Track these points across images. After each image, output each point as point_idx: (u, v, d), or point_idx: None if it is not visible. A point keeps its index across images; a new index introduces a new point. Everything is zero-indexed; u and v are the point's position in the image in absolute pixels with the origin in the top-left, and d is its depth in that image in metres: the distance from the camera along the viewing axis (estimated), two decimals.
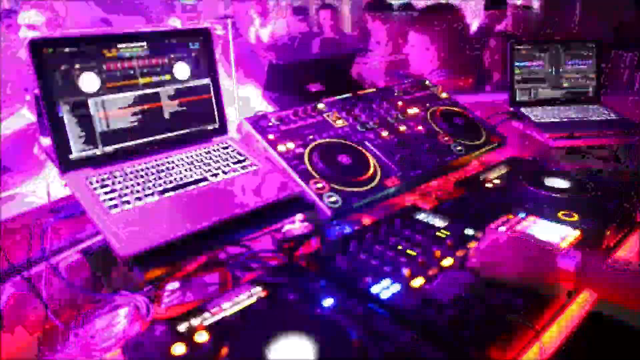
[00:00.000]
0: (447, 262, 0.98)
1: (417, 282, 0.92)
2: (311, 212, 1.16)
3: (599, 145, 1.78)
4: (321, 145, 1.30)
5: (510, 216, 1.19)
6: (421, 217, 1.18)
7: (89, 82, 1.07)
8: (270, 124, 1.33)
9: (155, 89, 1.17)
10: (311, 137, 1.33)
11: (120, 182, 1.05)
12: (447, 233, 1.09)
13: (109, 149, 1.11)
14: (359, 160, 1.30)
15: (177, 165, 1.14)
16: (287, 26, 4.19)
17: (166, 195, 1.04)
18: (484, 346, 0.78)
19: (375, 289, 0.90)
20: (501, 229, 1.12)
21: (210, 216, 1.00)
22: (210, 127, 1.27)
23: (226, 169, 1.15)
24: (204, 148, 1.22)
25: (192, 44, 1.22)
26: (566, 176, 1.40)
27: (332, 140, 1.34)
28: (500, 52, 2.80)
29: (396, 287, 0.90)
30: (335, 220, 1.20)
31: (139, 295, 1.01)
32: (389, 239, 1.07)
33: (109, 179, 1.06)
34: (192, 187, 1.08)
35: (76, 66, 1.06)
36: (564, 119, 1.92)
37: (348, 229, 1.22)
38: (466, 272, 0.95)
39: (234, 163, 1.18)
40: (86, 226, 1.03)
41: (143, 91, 1.15)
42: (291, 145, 1.28)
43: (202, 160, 1.17)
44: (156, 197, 1.03)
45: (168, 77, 1.19)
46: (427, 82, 1.78)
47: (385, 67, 3.23)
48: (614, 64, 2.82)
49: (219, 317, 0.82)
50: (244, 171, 1.16)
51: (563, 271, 0.88)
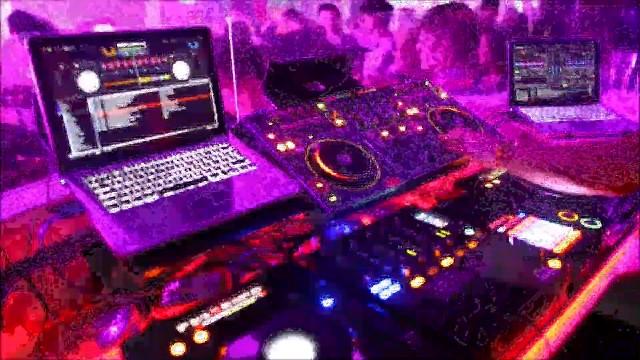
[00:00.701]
0: (447, 261, 0.98)
1: (417, 282, 0.92)
2: (311, 212, 1.16)
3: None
4: (321, 145, 1.30)
5: (510, 216, 1.19)
6: (421, 217, 1.18)
7: (88, 81, 1.07)
8: (270, 123, 1.32)
9: (155, 89, 1.17)
10: (311, 136, 1.33)
11: (119, 181, 1.05)
12: (447, 233, 1.09)
13: (108, 148, 1.11)
14: (358, 159, 1.30)
15: (177, 165, 1.14)
16: (288, 26, 4.19)
17: (165, 194, 1.04)
18: (484, 345, 0.78)
19: (375, 288, 0.90)
20: (500, 229, 1.12)
21: (210, 216, 1.00)
22: (209, 127, 1.27)
23: (226, 169, 1.15)
24: (204, 148, 1.22)
25: (191, 43, 1.22)
26: None
27: (332, 140, 1.34)
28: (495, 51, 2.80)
29: (396, 287, 0.90)
30: (334, 220, 1.20)
31: (138, 295, 1.01)
32: (389, 238, 1.07)
33: (108, 178, 1.05)
34: (191, 186, 1.08)
35: (75, 65, 1.05)
36: (563, 119, 1.92)
37: (348, 229, 1.22)
38: (466, 272, 0.95)
39: (233, 163, 1.18)
40: (85, 226, 1.02)
41: (142, 91, 1.15)
42: (291, 145, 1.27)
43: (201, 160, 1.17)
44: (155, 197, 1.03)
45: (167, 76, 1.19)
46: (427, 82, 1.78)
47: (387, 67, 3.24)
48: (613, 63, 2.83)
49: (218, 317, 0.82)
50: (243, 171, 1.16)
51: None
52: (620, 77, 2.89)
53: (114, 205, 0.98)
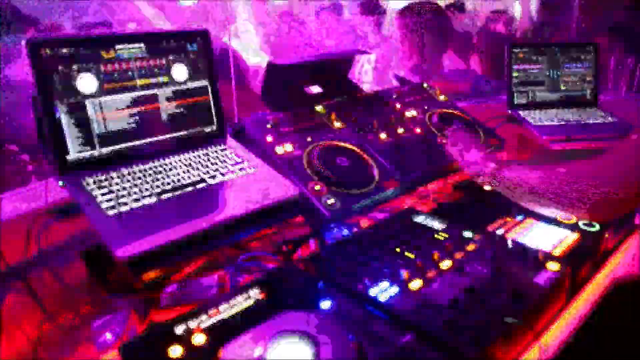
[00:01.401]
0: (445, 264, 0.98)
1: (416, 284, 0.92)
2: (309, 215, 1.16)
3: (597, 147, 1.78)
4: (319, 148, 1.30)
5: (509, 219, 1.19)
6: (419, 219, 1.18)
7: (86, 83, 1.07)
8: (269, 126, 1.32)
9: (153, 91, 1.17)
10: (309, 139, 1.33)
11: (117, 183, 1.05)
12: (446, 235, 1.09)
13: (107, 150, 1.11)
14: (357, 162, 1.30)
15: (175, 167, 1.14)
16: (288, 29, 4.19)
17: (164, 197, 1.04)
18: (483, 348, 0.78)
19: (373, 291, 0.90)
20: (499, 231, 1.12)
21: (208, 218, 1.00)
22: (208, 129, 1.27)
23: (224, 171, 1.15)
24: (202, 150, 1.22)
25: (190, 45, 1.22)
26: None
27: (331, 143, 1.34)
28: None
29: (394, 289, 0.90)
30: (333, 223, 1.20)
31: (136, 297, 1.00)
32: (388, 241, 1.07)
33: (106, 180, 1.05)
34: (189, 189, 1.08)
35: (74, 67, 1.05)
36: (561, 122, 1.92)
37: (346, 232, 1.22)
38: (465, 275, 0.95)
39: (232, 165, 1.18)
40: (84, 228, 1.02)
41: (141, 93, 1.15)
42: (289, 148, 1.27)
43: (200, 162, 1.17)
44: (154, 199, 1.03)
45: (166, 78, 1.19)
46: (425, 85, 1.78)
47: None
48: (612, 67, 2.83)
49: (216, 319, 0.82)
50: (242, 173, 1.16)
51: None
52: (618, 79, 2.89)
53: (112, 207, 0.98)
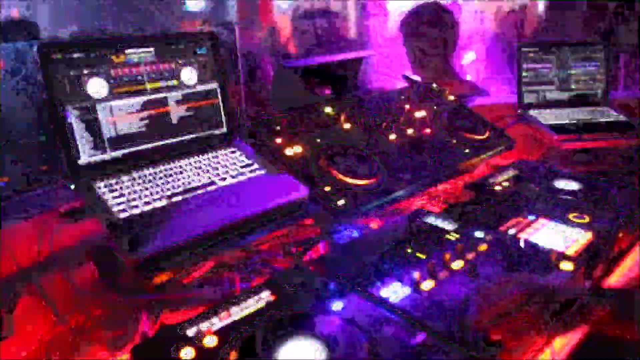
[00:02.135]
0: (456, 265, 0.97)
1: (427, 285, 0.91)
2: (319, 216, 1.15)
3: (609, 146, 1.76)
4: (329, 149, 1.30)
5: (520, 218, 1.18)
6: (430, 220, 1.17)
7: (97, 87, 1.08)
8: (278, 127, 1.32)
9: (163, 94, 1.18)
10: (319, 140, 1.33)
11: (128, 187, 1.05)
12: (457, 236, 1.08)
13: (117, 154, 1.11)
14: (366, 163, 1.30)
15: (185, 170, 1.14)
16: (294, 30, 4.20)
17: (174, 199, 1.04)
18: (495, 349, 0.77)
19: (384, 292, 0.89)
20: (511, 231, 1.11)
21: (218, 220, 1.00)
22: (217, 132, 1.27)
23: (234, 173, 1.15)
24: (212, 152, 1.22)
25: (199, 48, 1.22)
26: (577, 178, 1.39)
27: (340, 144, 1.34)
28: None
29: (406, 290, 0.90)
30: (343, 224, 1.19)
31: (147, 299, 1.01)
32: (398, 242, 1.06)
33: (117, 183, 1.06)
34: (200, 191, 1.08)
35: (84, 71, 1.06)
36: (572, 121, 1.91)
37: (356, 233, 1.21)
38: (476, 275, 0.94)
39: (241, 167, 1.18)
40: (95, 231, 1.03)
41: (151, 96, 1.16)
42: (299, 149, 1.27)
43: (210, 164, 1.17)
44: (164, 202, 1.03)
45: (175, 82, 1.19)
46: (434, 85, 1.77)
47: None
48: (623, 65, 2.80)
49: (227, 321, 0.82)
50: (252, 175, 1.16)
51: None
52: (630, 78, 2.86)
53: (123, 211, 0.99)
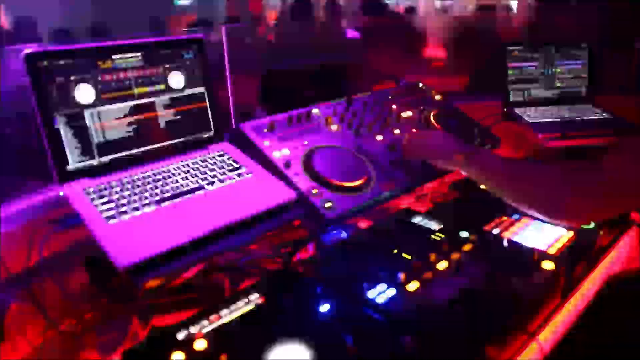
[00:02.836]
0: (442, 265, 0.99)
1: (413, 286, 0.93)
2: (308, 218, 1.17)
3: (593, 144, 1.79)
4: (316, 151, 1.31)
5: (505, 218, 1.20)
6: (416, 220, 1.19)
7: (84, 93, 1.08)
8: (266, 129, 1.34)
9: (151, 99, 1.18)
10: (306, 142, 1.34)
11: (117, 192, 1.06)
12: (442, 236, 1.10)
13: (106, 159, 1.12)
14: (354, 164, 1.31)
15: (174, 174, 1.15)
16: (285, 31, 4.20)
17: (163, 204, 1.05)
18: (479, 348, 0.79)
19: (371, 293, 0.91)
20: (495, 231, 1.14)
21: (208, 224, 1.01)
22: (205, 135, 1.28)
23: (222, 177, 1.16)
24: (200, 156, 1.23)
25: (186, 53, 1.23)
26: None
27: (327, 145, 1.35)
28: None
29: (392, 291, 0.92)
30: (331, 225, 1.21)
31: (137, 304, 1.02)
32: (385, 243, 1.08)
33: (106, 189, 1.07)
34: (188, 195, 1.09)
35: (72, 78, 1.07)
36: (557, 119, 1.93)
37: (344, 234, 1.23)
38: (461, 275, 0.96)
39: (229, 170, 1.19)
40: (84, 237, 1.03)
41: (138, 101, 1.16)
42: (286, 151, 1.29)
43: (198, 168, 1.18)
44: (153, 207, 1.04)
45: (163, 86, 1.20)
46: (421, 85, 1.79)
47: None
48: (607, 63, 2.84)
49: (217, 324, 0.83)
50: (240, 178, 1.17)
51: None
52: (614, 77, 2.90)
53: (112, 216, 0.99)
